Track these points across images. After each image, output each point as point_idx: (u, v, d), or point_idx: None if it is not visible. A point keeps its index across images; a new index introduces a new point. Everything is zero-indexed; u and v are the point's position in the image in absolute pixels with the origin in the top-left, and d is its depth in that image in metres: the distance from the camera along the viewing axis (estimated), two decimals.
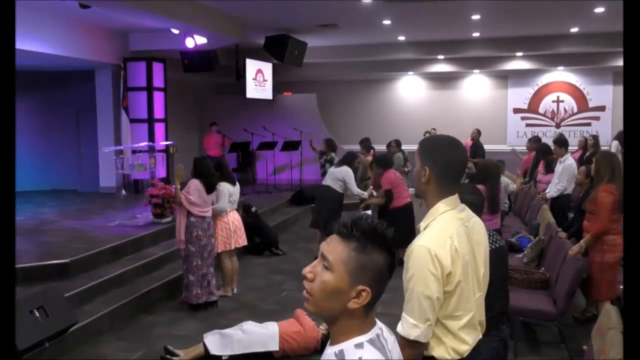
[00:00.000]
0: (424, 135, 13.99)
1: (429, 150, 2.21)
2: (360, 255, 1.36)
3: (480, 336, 2.24)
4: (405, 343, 2.04)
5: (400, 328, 2.07)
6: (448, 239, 2.07)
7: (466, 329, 2.14)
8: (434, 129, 14.15)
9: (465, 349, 2.15)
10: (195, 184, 5.98)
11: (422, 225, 2.20)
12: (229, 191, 6.40)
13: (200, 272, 6.01)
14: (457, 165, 2.21)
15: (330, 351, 1.39)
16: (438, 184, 2.17)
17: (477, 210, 2.92)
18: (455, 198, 2.21)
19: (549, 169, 8.54)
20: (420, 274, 2.02)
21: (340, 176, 7.76)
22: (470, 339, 2.16)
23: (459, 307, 2.10)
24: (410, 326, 2.04)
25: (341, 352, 1.36)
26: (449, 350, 2.13)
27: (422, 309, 2.02)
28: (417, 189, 2.28)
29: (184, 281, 6.10)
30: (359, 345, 1.36)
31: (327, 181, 7.90)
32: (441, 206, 2.17)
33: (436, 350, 2.13)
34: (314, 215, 8.28)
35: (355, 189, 7.86)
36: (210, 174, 6.10)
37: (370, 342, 1.37)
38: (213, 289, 6.17)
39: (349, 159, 8.04)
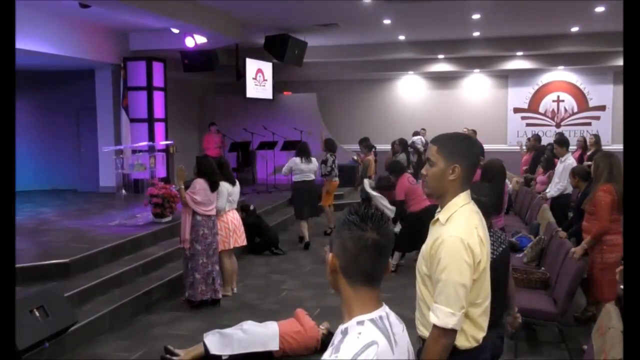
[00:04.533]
0: (413, 135, 13.98)
1: (458, 149, 2.24)
2: (338, 229, 1.55)
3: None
4: (441, 333, 2.07)
5: (435, 319, 2.08)
6: (474, 229, 2.16)
7: (483, 315, 2.23)
8: (423, 129, 14.16)
9: (482, 335, 2.23)
10: (200, 184, 5.99)
11: (441, 217, 2.22)
12: (227, 190, 6.40)
13: (205, 270, 6.04)
14: (478, 161, 2.35)
15: (338, 329, 1.51)
16: (463, 180, 2.24)
17: (490, 212, 3.03)
18: (469, 192, 2.29)
19: (547, 169, 8.56)
20: (455, 263, 2.08)
21: (315, 168, 8.98)
22: (485, 326, 2.25)
23: (480, 295, 2.19)
24: (447, 315, 2.06)
25: (346, 329, 1.47)
26: (469, 338, 2.20)
27: (458, 297, 2.06)
28: (436, 188, 2.27)
29: (187, 280, 6.08)
30: (361, 323, 1.46)
31: (309, 176, 8.89)
32: (461, 199, 2.23)
33: (458, 339, 2.16)
34: (309, 208, 8.98)
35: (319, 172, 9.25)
36: (213, 173, 6.12)
37: (372, 321, 1.46)
38: (218, 286, 6.21)
39: (310, 150, 9.05)
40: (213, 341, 4.76)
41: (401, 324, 1.57)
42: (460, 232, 2.12)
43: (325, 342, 4.96)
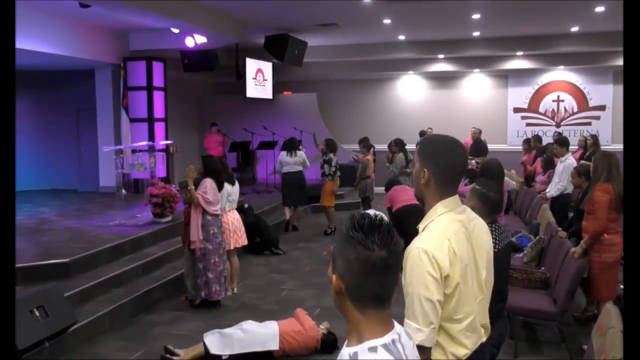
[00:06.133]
0: (419, 135, 13.98)
1: (428, 152, 2.16)
2: (340, 245, 1.41)
3: (484, 339, 2.20)
4: None
5: None
6: (446, 241, 2.03)
7: (466, 332, 2.10)
8: (430, 128, 14.14)
9: (464, 352, 2.10)
10: (210, 183, 5.99)
11: (420, 226, 2.16)
12: (227, 191, 6.40)
13: (218, 269, 6.06)
14: (456, 167, 2.17)
15: (345, 351, 1.40)
16: (437, 186, 2.13)
17: (497, 208, 3.12)
18: (455, 199, 2.17)
19: (547, 169, 8.57)
20: (419, 277, 1.98)
21: (302, 160, 9.93)
22: (470, 343, 2.12)
23: (458, 310, 2.06)
24: (413, 331, 1.97)
25: (355, 354, 1.36)
26: (448, 354, 2.09)
27: (425, 312, 1.98)
28: (416, 190, 2.25)
29: (199, 280, 6.05)
30: (373, 349, 1.36)
31: (295, 168, 9.86)
32: (440, 207, 2.13)
33: (434, 354, 2.08)
34: (291, 197, 9.91)
35: (308, 162, 10.19)
36: (219, 172, 6.14)
37: (385, 346, 1.37)
38: (226, 284, 6.27)
39: (297, 144, 10.17)
40: (213, 341, 4.76)
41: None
42: (426, 244, 2.00)
43: (325, 342, 4.97)
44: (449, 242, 2.03)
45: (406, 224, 7.14)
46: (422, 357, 1.97)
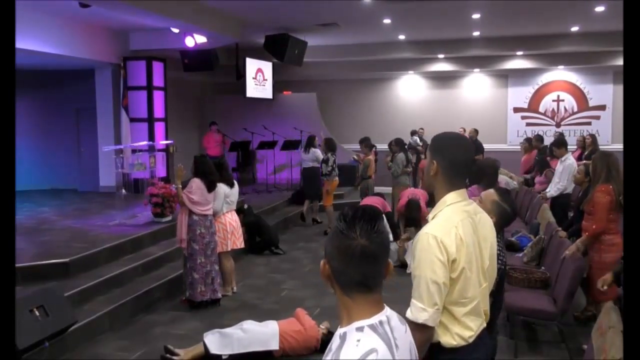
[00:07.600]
0: (411, 134, 13.99)
1: (438, 146, 2.34)
2: (330, 235, 1.53)
3: (485, 325, 2.32)
4: (414, 327, 2.07)
5: (409, 313, 2.13)
6: (453, 228, 2.17)
7: (471, 315, 2.23)
8: (421, 128, 14.19)
9: (470, 334, 2.23)
10: (197, 183, 5.99)
11: (430, 215, 2.31)
12: (224, 192, 6.38)
13: (204, 269, 6.04)
14: (462, 161, 2.32)
15: (337, 333, 1.49)
16: (445, 178, 2.29)
17: (511, 221, 3.08)
18: (463, 192, 2.32)
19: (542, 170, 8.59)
20: (427, 260, 2.12)
21: (315, 157, 10.53)
22: (474, 326, 2.24)
23: (463, 294, 2.19)
24: (418, 310, 2.11)
25: (344, 334, 1.45)
26: (454, 336, 2.21)
27: (430, 293, 2.10)
28: (426, 182, 2.41)
29: (186, 280, 6.09)
30: (360, 329, 1.44)
31: (309, 164, 10.59)
32: (449, 198, 2.28)
33: (442, 337, 2.21)
34: (306, 190, 10.78)
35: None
36: (210, 173, 6.11)
37: (372, 327, 1.44)
38: (217, 286, 6.21)
39: (312, 142, 10.74)
40: (213, 341, 4.76)
41: (403, 325, 1.55)
42: (435, 230, 2.16)
43: (325, 341, 4.96)
44: (456, 229, 2.18)
45: None
46: (425, 335, 2.14)
